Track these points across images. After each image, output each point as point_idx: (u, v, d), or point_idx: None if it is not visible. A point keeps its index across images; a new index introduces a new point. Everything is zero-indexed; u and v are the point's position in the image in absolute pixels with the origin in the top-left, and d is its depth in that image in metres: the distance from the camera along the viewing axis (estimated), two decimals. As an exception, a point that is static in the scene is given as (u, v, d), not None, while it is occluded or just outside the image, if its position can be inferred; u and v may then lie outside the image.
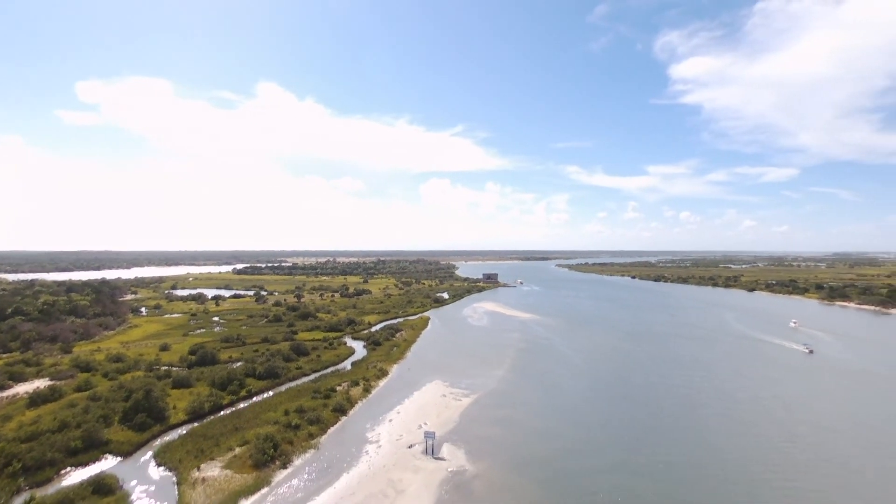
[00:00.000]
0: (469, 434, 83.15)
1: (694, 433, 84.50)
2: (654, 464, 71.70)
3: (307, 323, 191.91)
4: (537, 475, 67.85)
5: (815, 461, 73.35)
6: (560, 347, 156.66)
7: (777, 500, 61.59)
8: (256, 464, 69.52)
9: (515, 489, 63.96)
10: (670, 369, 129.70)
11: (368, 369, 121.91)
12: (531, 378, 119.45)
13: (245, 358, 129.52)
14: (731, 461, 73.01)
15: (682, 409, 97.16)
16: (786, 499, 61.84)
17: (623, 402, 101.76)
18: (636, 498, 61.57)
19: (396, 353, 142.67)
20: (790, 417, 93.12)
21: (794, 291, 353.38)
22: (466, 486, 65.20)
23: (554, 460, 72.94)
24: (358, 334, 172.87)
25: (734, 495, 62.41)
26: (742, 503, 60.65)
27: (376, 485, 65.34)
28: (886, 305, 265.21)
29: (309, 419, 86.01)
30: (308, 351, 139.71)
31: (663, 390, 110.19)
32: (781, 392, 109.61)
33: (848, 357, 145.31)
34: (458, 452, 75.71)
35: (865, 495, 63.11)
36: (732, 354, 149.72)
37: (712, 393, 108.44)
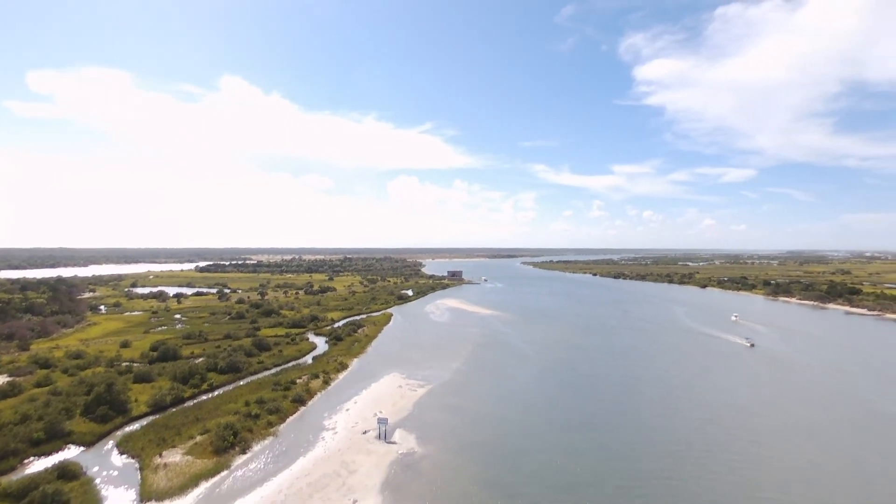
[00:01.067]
0: (421, 420, 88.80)
1: (627, 416, 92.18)
2: (587, 443, 78.83)
3: (270, 320, 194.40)
4: (480, 455, 74.01)
5: (730, 440, 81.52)
6: (515, 341, 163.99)
7: (691, 472, 69.13)
8: (217, 450, 73.61)
9: (459, 467, 69.89)
10: (615, 360, 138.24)
11: (329, 363, 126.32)
12: (485, 369, 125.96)
13: (207, 354, 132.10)
14: (658, 440, 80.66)
15: (620, 396, 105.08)
16: (698, 471, 69.42)
17: (567, 389, 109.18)
18: (566, 473, 68.22)
19: (357, 348, 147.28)
20: (716, 401, 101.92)
21: (743, 288, 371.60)
22: (414, 465, 70.81)
23: (497, 442, 79.27)
24: (320, 330, 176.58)
25: (654, 469, 69.73)
26: (660, 476, 67.89)
27: (330, 466, 70.38)
28: (824, 301, 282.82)
29: (268, 409, 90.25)
30: (270, 346, 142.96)
31: (605, 379, 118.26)
32: (713, 380, 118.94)
33: (780, 348, 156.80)
34: (409, 437, 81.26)
35: (767, 467, 71.29)
36: (675, 346, 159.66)
37: (650, 381, 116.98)
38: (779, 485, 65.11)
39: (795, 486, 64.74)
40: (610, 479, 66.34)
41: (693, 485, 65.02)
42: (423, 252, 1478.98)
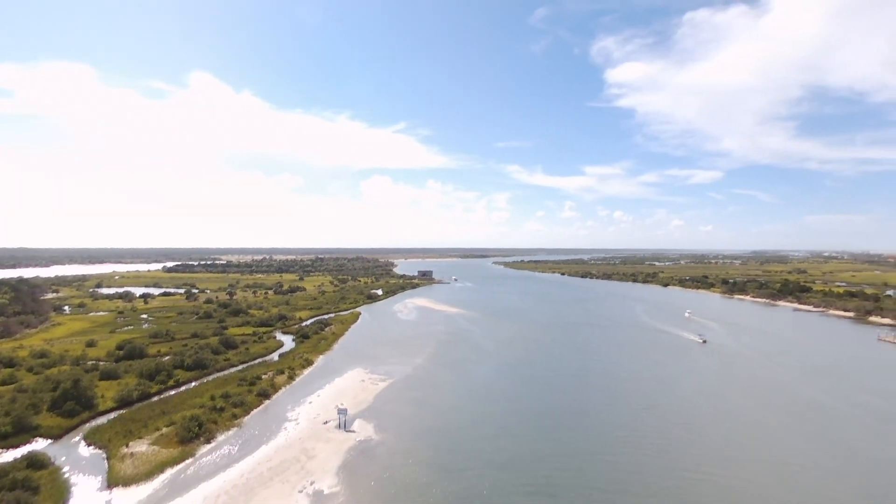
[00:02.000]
0: (380, 411, 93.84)
1: (575, 406, 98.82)
2: (535, 429, 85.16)
3: (238, 319, 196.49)
4: (433, 441, 79.54)
5: (665, 425, 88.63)
6: (478, 338, 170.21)
7: (624, 452, 75.85)
8: (182, 440, 77.41)
9: (412, 452, 75.21)
10: (570, 354, 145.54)
11: (295, 360, 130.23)
12: (446, 364, 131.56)
13: (174, 352, 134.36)
14: (599, 426, 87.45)
15: (572, 387, 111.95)
16: (631, 451, 76.19)
17: (522, 382, 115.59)
18: (510, 455, 74.18)
19: (323, 346, 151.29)
20: (659, 392, 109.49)
21: (703, 286, 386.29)
22: (370, 451, 75.90)
23: (450, 430, 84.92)
24: (288, 329, 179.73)
25: (592, 450, 76.34)
26: (596, 455, 74.39)
27: (291, 452, 74.94)
28: (775, 298, 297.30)
29: (233, 402, 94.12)
30: (237, 344, 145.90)
31: (560, 372, 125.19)
32: (660, 372, 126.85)
33: (726, 342, 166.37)
34: (367, 426, 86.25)
35: (692, 449, 78.59)
36: (628, 342, 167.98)
37: (600, 374, 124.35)
38: (697, 464, 72.20)
39: (713, 465, 71.95)
40: (552, 459, 72.60)
41: (624, 463, 71.71)
42: (396, 252, 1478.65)
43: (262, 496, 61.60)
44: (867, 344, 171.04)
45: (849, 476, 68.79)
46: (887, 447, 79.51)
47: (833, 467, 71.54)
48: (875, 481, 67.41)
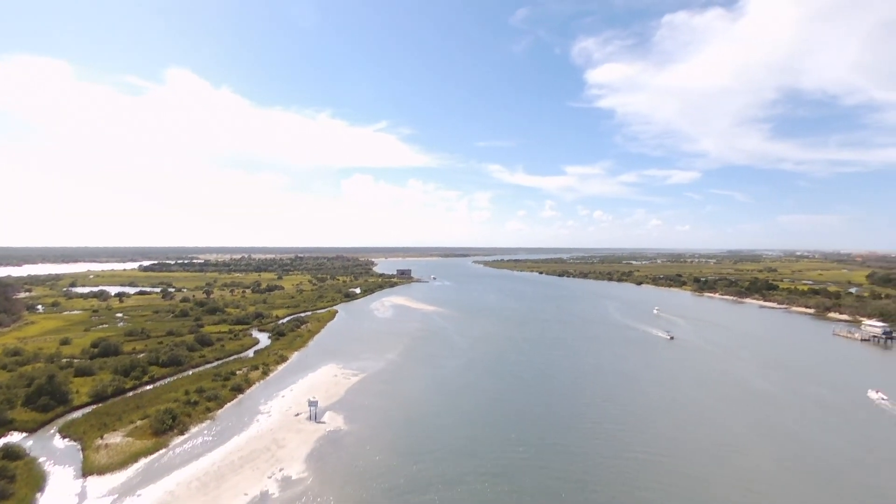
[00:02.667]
0: (351, 404, 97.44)
1: (538, 397, 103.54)
2: (497, 418, 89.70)
3: (214, 317, 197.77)
4: (399, 430, 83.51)
5: (621, 414, 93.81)
6: (451, 334, 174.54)
7: (579, 438, 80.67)
8: (156, 432, 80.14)
9: (378, 440, 79.05)
10: (539, 349, 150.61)
11: (269, 356, 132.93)
12: (417, 359, 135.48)
13: (149, 349, 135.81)
14: (559, 414, 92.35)
15: (536, 380, 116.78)
16: (585, 437, 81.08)
17: (490, 375, 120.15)
18: (472, 441, 78.48)
19: (299, 342, 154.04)
20: (618, 383, 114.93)
21: (675, 285, 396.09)
22: (339, 440, 79.54)
23: (417, 420, 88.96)
24: (264, 327, 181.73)
25: (547, 437, 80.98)
26: (553, 441, 79.02)
27: (262, 442, 78.22)
28: (742, 296, 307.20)
29: (207, 397, 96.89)
30: (213, 342, 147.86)
31: (527, 365, 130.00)
32: (621, 366, 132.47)
33: (689, 337, 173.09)
34: (337, 417, 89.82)
35: (641, 434, 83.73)
36: (596, 338, 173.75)
37: (564, 366, 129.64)
38: (646, 448, 77.29)
39: (660, 448, 77.12)
40: (509, 445, 77.09)
41: (576, 448, 76.54)
42: (377, 251, 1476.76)
43: (232, 482, 64.88)
44: (823, 338, 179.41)
45: (780, 457, 74.38)
46: (820, 432, 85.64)
47: (766, 450, 77.14)
48: (804, 461, 73.14)
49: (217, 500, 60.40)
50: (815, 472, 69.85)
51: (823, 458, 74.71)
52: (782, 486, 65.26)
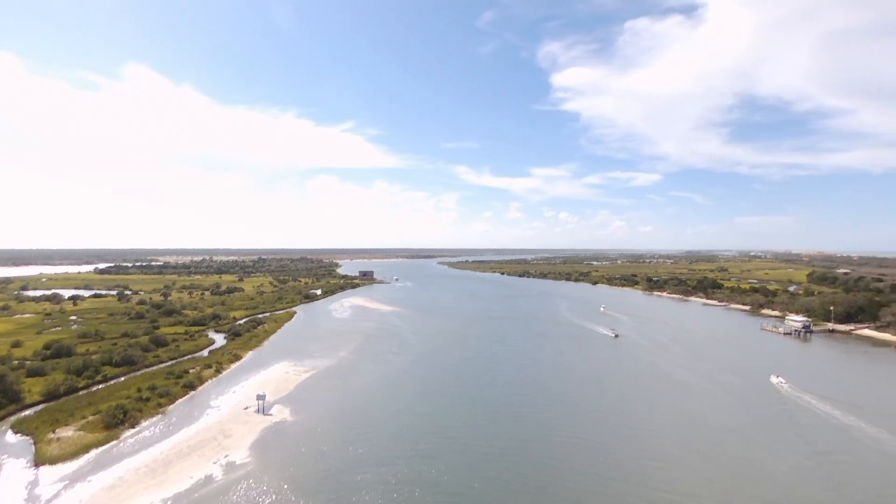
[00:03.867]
0: (299, 398, 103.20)
1: (475, 388, 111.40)
2: (434, 407, 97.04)
3: (171, 319, 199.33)
4: (341, 420, 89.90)
5: (550, 402, 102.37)
6: (404, 332, 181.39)
7: (508, 423, 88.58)
8: (107, 426, 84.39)
9: (320, 429, 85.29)
10: (486, 346, 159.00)
11: (223, 355, 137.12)
12: (368, 356, 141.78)
13: (103, 350, 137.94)
14: (492, 402, 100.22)
15: (477, 373, 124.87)
16: (513, 422, 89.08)
17: (434, 369, 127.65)
18: (410, 428, 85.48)
19: (254, 342, 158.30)
20: (553, 376, 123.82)
21: (628, 284, 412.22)
22: (284, 430, 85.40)
23: (359, 410, 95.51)
24: (221, 328, 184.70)
25: (478, 423, 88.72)
26: (479, 427, 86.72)
27: (210, 433, 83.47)
28: (688, 294, 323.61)
29: (159, 393, 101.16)
30: (168, 342, 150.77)
31: (471, 361, 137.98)
32: (560, 360, 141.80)
33: (629, 333, 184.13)
34: (285, 410, 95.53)
35: (564, 420, 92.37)
36: (542, 335, 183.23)
37: (506, 360, 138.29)
38: (568, 429, 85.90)
39: (581, 430, 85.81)
40: (441, 430, 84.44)
41: (503, 430, 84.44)
42: (343, 252, 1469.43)
43: (179, 467, 70.23)
44: (751, 333, 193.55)
45: (680, 435, 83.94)
46: (719, 413, 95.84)
47: (671, 430, 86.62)
48: (698, 438, 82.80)
49: (164, 483, 65.71)
50: (703, 446, 79.41)
51: (713, 434, 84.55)
52: (675, 457, 74.49)
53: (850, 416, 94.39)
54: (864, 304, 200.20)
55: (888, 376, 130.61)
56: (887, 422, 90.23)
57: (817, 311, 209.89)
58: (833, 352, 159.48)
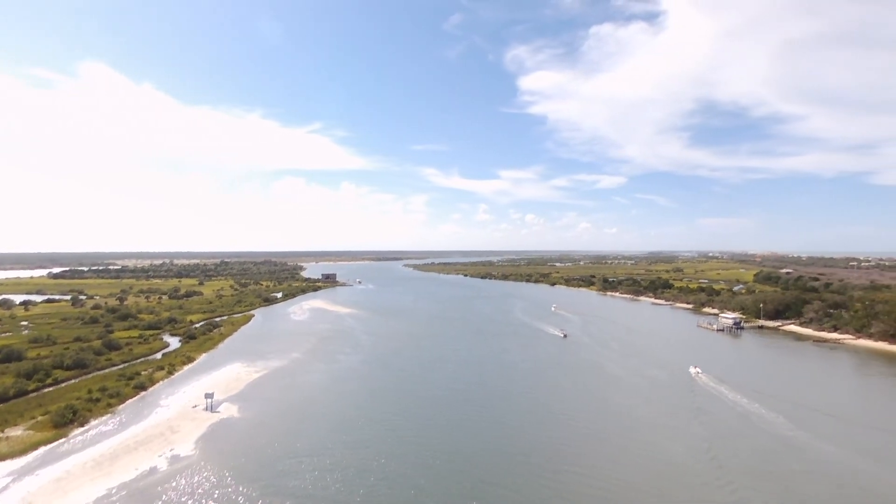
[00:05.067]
0: (248, 396, 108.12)
1: (418, 384, 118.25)
2: (376, 401, 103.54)
3: (125, 323, 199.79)
4: (286, 416, 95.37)
5: (486, 394, 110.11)
6: (358, 333, 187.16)
7: (445, 413, 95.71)
8: (56, 425, 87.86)
9: (265, 424, 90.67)
10: (436, 345, 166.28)
11: (176, 357, 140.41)
12: (319, 357, 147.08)
13: (55, 354, 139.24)
14: (434, 395, 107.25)
15: (422, 370, 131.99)
16: (451, 412, 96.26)
17: (382, 367, 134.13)
18: (350, 420, 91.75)
19: (208, 345, 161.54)
20: (494, 371, 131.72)
21: (584, 285, 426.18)
22: (231, 426, 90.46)
23: (305, 406, 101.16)
24: (176, 331, 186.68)
25: (418, 414, 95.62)
26: (418, 418, 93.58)
27: (158, 430, 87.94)
28: (638, 294, 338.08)
29: (109, 394, 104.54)
30: (121, 346, 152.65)
31: (418, 359, 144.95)
32: (504, 357, 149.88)
33: (575, 332, 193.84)
34: (232, 407, 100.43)
35: (495, 410, 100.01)
36: (492, 334, 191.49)
37: (452, 358, 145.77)
38: (499, 417, 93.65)
39: (511, 418, 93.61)
40: (380, 421, 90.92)
41: (439, 420, 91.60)
42: (309, 255, 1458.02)
43: (125, 460, 74.82)
44: (688, 330, 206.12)
45: (596, 423, 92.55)
46: (641, 404, 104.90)
47: (590, 418, 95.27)
48: (613, 424, 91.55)
49: (110, 474, 70.31)
50: (614, 432, 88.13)
51: (626, 422, 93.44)
52: (587, 440, 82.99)
53: (755, 403, 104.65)
54: (791, 302, 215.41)
55: (798, 367, 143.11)
56: (786, 408, 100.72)
57: (750, 309, 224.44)
58: (756, 346, 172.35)
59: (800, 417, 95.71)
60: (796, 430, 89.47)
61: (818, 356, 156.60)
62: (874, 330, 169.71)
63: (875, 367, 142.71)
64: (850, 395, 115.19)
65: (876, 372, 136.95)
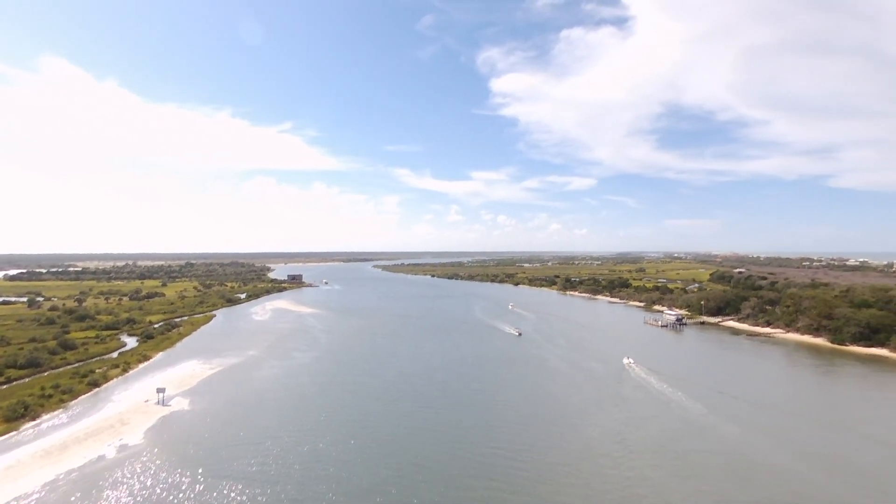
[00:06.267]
0: (199, 391, 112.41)
1: (366, 378, 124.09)
2: (321, 393, 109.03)
3: (83, 324, 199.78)
4: (234, 408, 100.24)
5: (429, 388, 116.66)
6: (316, 332, 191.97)
7: (385, 400, 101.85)
8: (7, 419, 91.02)
9: (213, 416, 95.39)
10: (390, 342, 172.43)
11: (132, 356, 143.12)
12: (275, 354, 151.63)
13: (8, 354, 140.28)
14: (378, 387, 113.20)
15: (371, 365, 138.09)
16: (391, 400, 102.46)
17: (333, 363, 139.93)
18: (294, 411, 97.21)
19: (166, 344, 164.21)
20: (442, 366, 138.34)
21: (546, 284, 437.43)
22: (180, 418, 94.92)
23: (253, 398, 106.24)
24: (135, 331, 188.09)
25: (356, 404, 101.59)
26: (356, 407, 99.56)
27: (109, 422, 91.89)
28: (595, 293, 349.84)
29: (62, 391, 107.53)
30: (77, 346, 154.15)
31: (371, 355, 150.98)
32: (454, 352, 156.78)
33: (528, 329, 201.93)
34: (183, 401, 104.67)
35: (445, 398, 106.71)
36: (446, 331, 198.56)
37: (404, 354, 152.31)
38: (437, 407, 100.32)
39: (449, 407, 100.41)
40: (324, 411, 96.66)
41: (379, 407, 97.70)
42: (280, 256, 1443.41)
43: (74, 450, 78.90)
44: (635, 326, 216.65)
45: (530, 411, 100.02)
46: (574, 393, 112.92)
47: (523, 406, 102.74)
48: (546, 413, 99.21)
49: (58, 462, 74.42)
50: (543, 418, 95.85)
51: (556, 408, 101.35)
52: (517, 425, 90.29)
53: (679, 391, 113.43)
54: (731, 299, 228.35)
55: (728, 359, 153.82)
56: (705, 395, 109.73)
57: (695, 306, 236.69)
58: (694, 340, 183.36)
59: (715, 403, 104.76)
60: (709, 414, 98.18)
61: (749, 349, 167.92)
62: (800, 324, 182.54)
63: (798, 357, 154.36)
64: (769, 383, 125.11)
65: (797, 362, 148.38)
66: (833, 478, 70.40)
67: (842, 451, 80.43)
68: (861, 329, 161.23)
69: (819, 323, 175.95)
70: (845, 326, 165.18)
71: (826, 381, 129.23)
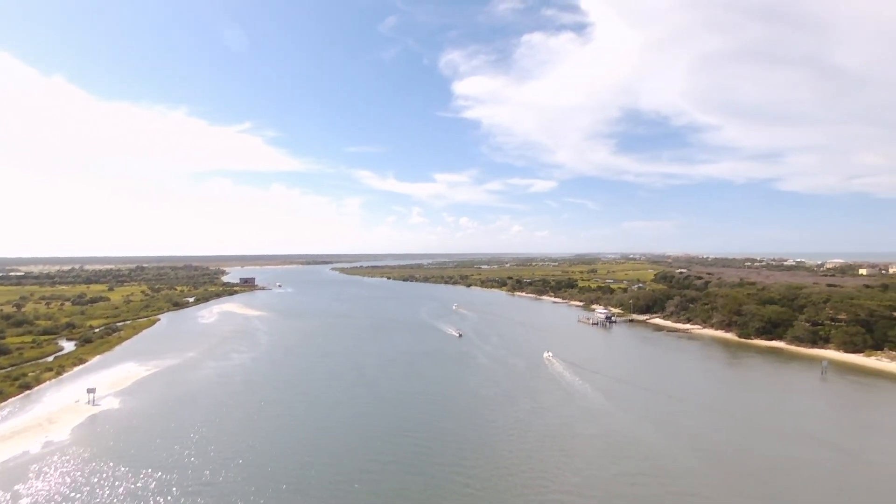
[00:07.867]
0: (132, 391, 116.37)
1: (297, 375, 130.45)
2: (253, 391, 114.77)
3: (19, 329, 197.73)
4: (164, 406, 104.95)
5: (363, 383, 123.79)
6: (259, 334, 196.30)
7: (316, 394, 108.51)
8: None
9: (143, 414, 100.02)
10: (329, 343, 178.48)
11: (67, 359, 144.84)
12: (214, 355, 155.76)
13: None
14: (308, 383, 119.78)
15: (305, 363, 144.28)
16: (321, 394, 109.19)
17: (270, 363, 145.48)
18: (222, 406, 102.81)
19: (104, 347, 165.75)
20: (373, 364, 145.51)
21: (497, 286, 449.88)
22: (108, 416, 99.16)
23: (184, 396, 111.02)
24: (74, 336, 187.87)
25: (284, 399, 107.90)
26: (285, 401, 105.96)
27: (37, 422, 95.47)
28: (540, 293, 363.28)
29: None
30: (10, 350, 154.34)
31: (308, 356, 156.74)
32: (390, 350, 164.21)
33: (467, 329, 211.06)
34: (114, 401, 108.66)
35: (377, 391, 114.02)
36: (388, 331, 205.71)
37: (339, 353, 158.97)
38: (369, 399, 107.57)
39: (377, 401, 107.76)
40: (254, 407, 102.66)
41: (312, 403, 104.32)
42: (237, 259, 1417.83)
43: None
44: (569, 324, 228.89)
45: (445, 403, 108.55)
46: (490, 386, 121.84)
47: (440, 399, 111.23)
48: (460, 405, 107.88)
49: (-17, 458, 78.47)
50: (456, 410, 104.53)
51: (471, 401, 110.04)
52: (431, 416, 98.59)
53: (587, 382, 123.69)
54: (659, 298, 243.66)
55: (645, 353, 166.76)
56: (610, 385, 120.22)
57: (626, 304, 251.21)
58: (620, 336, 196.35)
59: (617, 392, 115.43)
60: (606, 402, 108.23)
61: (667, 343, 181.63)
62: (714, 320, 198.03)
63: (708, 351, 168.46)
64: (673, 374, 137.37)
65: (707, 355, 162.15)
66: (693, 453, 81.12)
67: (707, 431, 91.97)
68: (764, 324, 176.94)
69: (730, 319, 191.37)
70: (751, 322, 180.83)
71: (722, 371, 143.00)
